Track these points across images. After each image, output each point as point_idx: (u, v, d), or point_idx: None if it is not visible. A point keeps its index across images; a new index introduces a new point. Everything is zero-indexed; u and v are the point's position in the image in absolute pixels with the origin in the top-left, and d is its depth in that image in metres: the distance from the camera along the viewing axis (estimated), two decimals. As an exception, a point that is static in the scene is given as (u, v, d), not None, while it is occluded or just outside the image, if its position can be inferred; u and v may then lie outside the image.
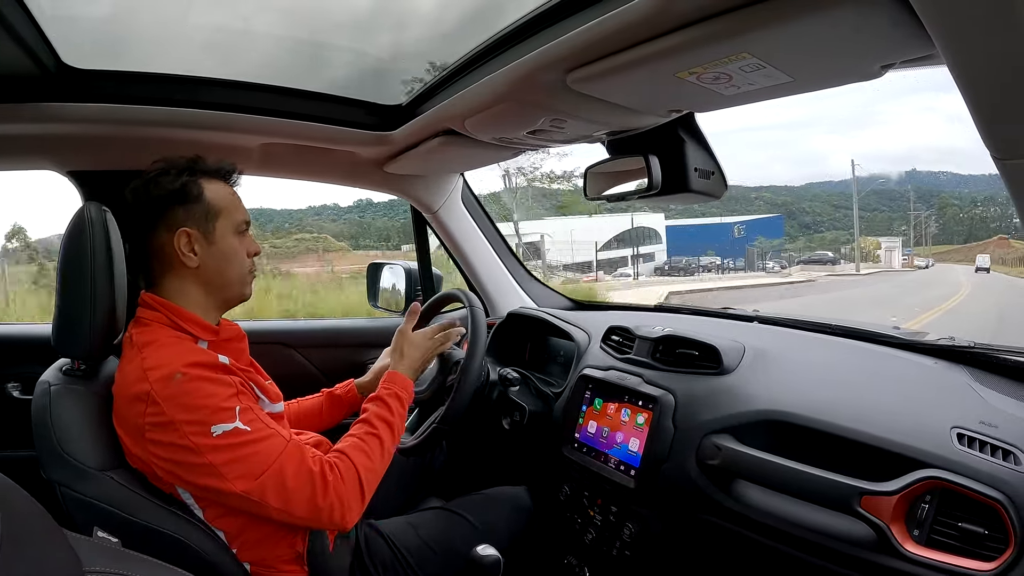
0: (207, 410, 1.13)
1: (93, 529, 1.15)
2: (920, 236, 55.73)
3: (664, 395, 1.50)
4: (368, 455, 1.28)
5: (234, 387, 1.18)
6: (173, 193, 1.27)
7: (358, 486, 1.23)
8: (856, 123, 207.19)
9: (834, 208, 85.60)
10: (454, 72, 1.45)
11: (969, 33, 0.67)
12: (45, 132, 1.59)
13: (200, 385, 1.14)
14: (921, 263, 42.93)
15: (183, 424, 1.12)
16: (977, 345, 1.43)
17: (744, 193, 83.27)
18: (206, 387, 1.15)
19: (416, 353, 1.55)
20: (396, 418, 1.39)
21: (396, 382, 1.45)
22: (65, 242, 1.25)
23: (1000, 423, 1.13)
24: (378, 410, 1.38)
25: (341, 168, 2.06)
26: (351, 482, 1.22)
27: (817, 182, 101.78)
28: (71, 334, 1.25)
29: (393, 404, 1.40)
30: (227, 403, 1.15)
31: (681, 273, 34.00)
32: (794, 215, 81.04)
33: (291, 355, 2.23)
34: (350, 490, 1.22)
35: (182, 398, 1.13)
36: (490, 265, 2.44)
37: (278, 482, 1.15)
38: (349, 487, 1.21)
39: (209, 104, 1.59)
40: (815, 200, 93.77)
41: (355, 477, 1.23)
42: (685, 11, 0.87)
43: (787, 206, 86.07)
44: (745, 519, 1.29)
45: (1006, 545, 0.98)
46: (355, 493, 1.22)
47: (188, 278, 1.29)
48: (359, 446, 1.29)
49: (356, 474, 1.24)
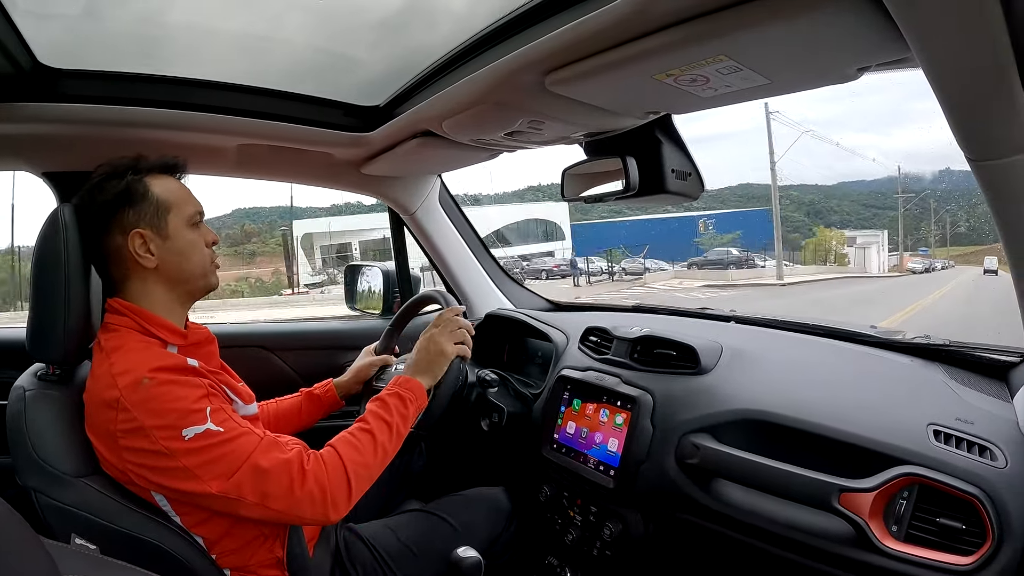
0: (177, 413, 1.11)
1: (71, 536, 1.13)
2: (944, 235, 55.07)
3: (642, 395, 1.51)
4: (358, 449, 1.24)
5: (203, 388, 1.16)
6: (119, 195, 1.25)
7: (344, 478, 1.19)
8: (889, 121, 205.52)
9: (864, 207, 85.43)
10: (432, 73, 1.45)
11: (942, 36, 0.68)
12: (19, 132, 1.56)
13: (168, 389, 1.13)
14: (917, 265, 36.81)
15: (154, 429, 1.10)
16: (952, 343, 1.45)
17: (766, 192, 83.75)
18: (174, 390, 1.13)
19: (418, 354, 1.51)
20: (395, 416, 1.33)
21: (400, 383, 1.42)
22: (39, 245, 1.24)
23: (976, 419, 1.15)
24: (375, 408, 1.35)
25: (318, 169, 2.04)
26: (335, 473, 1.18)
27: (849, 181, 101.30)
28: (45, 338, 1.24)
29: (392, 402, 1.36)
30: (197, 405, 1.13)
31: (555, 277, 29.40)
32: (821, 214, 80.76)
33: (268, 358, 2.21)
34: (334, 481, 1.17)
35: (151, 403, 1.11)
36: (468, 266, 2.44)
37: (253, 476, 1.12)
38: (333, 478, 1.17)
39: (185, 105, 1.58)
40: (844, 199, 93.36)
41: (340, 468, 1.19)
42: (663, 14, 0.88)
43: (813, 204, 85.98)
44: (725, 517, 1.30)
45: (983, 539, 1.00)
46: (340, 484, 1.18)
47: (149, 279, 1.28)
48: (348, 440, 1.26)
49: (342, 465, 1.20)
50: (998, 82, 0.70)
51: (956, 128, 0.79)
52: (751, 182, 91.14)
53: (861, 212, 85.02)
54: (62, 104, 1.48)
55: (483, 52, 1.24)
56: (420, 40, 1.42)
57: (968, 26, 0.65)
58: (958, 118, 0.77)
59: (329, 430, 1.41)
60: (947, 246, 53.90)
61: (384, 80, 1.62)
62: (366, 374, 1.83)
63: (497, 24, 1.18)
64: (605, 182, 1.53)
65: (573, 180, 1.61)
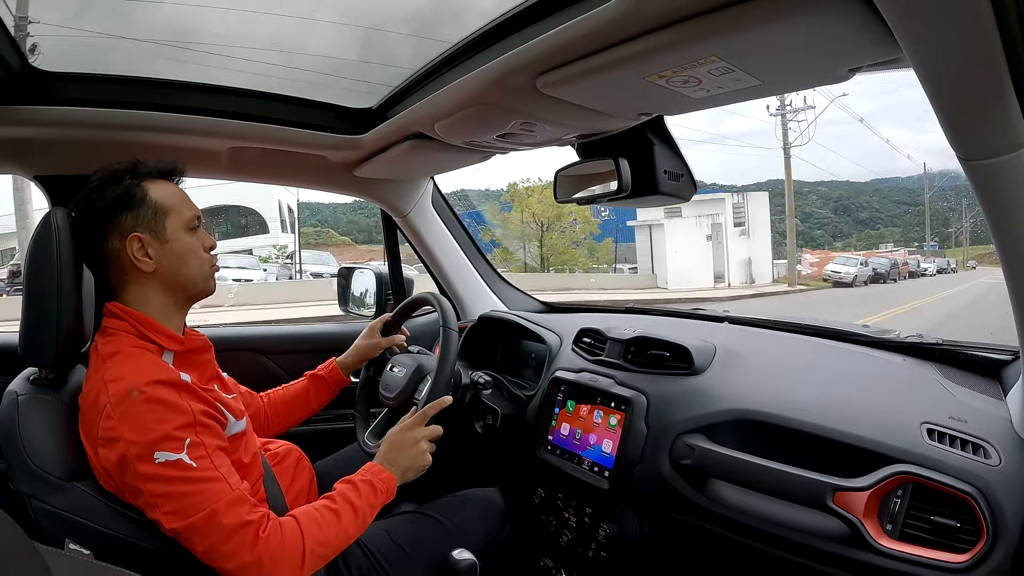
0: (155, 434, 1.09)
1: (64, 541, 1.13)
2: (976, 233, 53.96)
3: (636, 396, 1.51)
4: (320, 527, 1.20)
5: (190, 417, 1.14)
6: (117, 200, 1.25)
7: (299, 554, 1.15)
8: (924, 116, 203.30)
9: (895, 204, 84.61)
10: (424, 76, 1.45)
11: (933, 37, 0.68)
12: (11, 136, 1.56)
13: (153, 408, 1.11)
14: (847, 271, 26.79)
15: (129, 444, 1.09)
16: (945, 342, 1.45)
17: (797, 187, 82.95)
18: (159, 411, 1.12)
19: (400, 452, 1.43)
20: (363, 502, 1.29)
21: (374, 473, 1.37)
22: (31, 248, 1.23)
23: (969, 418, 1.15)
24: (345, 490, 1.30)
25: (310, 172, 2.04)
26: (291, 545, 1.14)
27: (883, 178, 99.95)
28: (38, 342, 1.23)
29: (364, 489, 1.31)
30: (177, 432, 1.11)
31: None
32: (849, 210, 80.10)
33: (262, 361, 2.20)
34: (287, 554, 1.13)
35: (134, 417, 1.10)
36: (461, 268, 2.44)
37: (208, 527, 1.09)
38: (287, 549, 1.14)
39: (177, 108, 1.57)
40: (875, 195, 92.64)
41: (298, 544, 1.15)
42: (655, 15, 0.88)
43: (842, 200, 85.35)
44: (720, 518, 1.30)
45: (978, 537, 1.00)
46: (292, 558, 1.14)
47: (147, 283, 1.28)
48: (312, 515, 1.22)
49: (300, 541, 1.16)
50: (988, 82, 0.71)
51: (947, 127, 0.79)
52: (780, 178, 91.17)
53: (892, 209, 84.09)
54: (53, 107, 1.48)
55: (475, 54, 1.24)
56: (412, 43, 1.43)
57: (958, 26, 0.65)
58: (949, 117, 0.78)
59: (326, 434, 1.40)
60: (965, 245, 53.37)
61: (376, 82, 1.62)
62: (370, 353, 1.84)
63: (489, 26, 1.18)
64: (598, 183, 1.53)
65: (566, 182, 1.61)
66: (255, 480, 1.36)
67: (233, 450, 1.27)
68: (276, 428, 1.73)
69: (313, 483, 1.64)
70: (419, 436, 1.46)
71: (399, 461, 1.41)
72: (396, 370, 1.70)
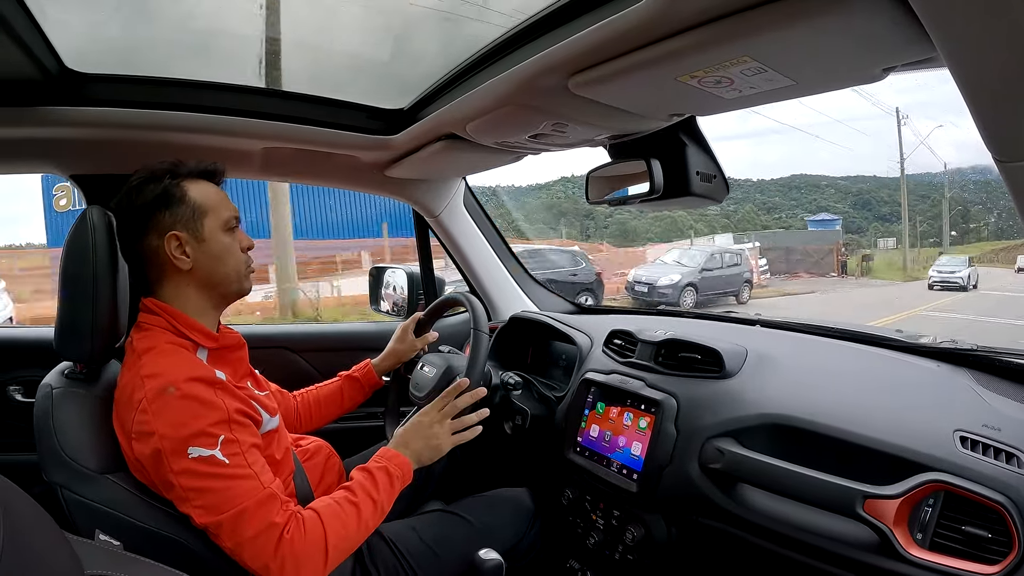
0: (189, 430, 1.11)
1: (95, 532, 1.15)
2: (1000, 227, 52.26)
3: (666, 399, 1.50)
4: (343, 523, 1.21)
5: (225, 413, 1.16)
6: (157, 198, 1.28)
7: (322, 550, 1.16)
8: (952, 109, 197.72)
9: (920, 199, 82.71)
10: (455, 76, 1.45)
11: (969, 36, 0.67)
12: (47, 136, 1.59)
13: (190, 404, 1.14)
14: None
15: (163, 439, 1.11)
16: (980, 348, 1.42)
17: (814, 181, 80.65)
18: (195, 408, 1.14)
19: (414, 436, 1.46)
20: (382, 494, 1.30)
21: (389, 458, 1.37)
22: (67, 246, 1.26)
23: (1003, 426, 1.12)
24: (363, 480, 1.31)
25: (343, 172, 2.06)
26: (314, 543, 1.16)
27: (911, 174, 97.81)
28: (73, 337, 1.26)
29: (380, 479, 1.32)
30: (212, 428, 1.13)
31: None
32: (869, 205, 78.20)
33: (294, 359, 2.23)
34: (311, 551, 1.15)
35: (169, 413, 1.12)
36: (492, 268, 2.44)
37: (236, 524, 1.11)
38: (311, 547, 1.15)
39: (211, 108, 1.60)
40: (898, 190, 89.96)
41: (321, 540, 1.17)
42: (687, 15, 0.87)
43: (862, 195, 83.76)
44: (748, 523, 1.29)
45: (1009, 548, 0.98)
46: (316, 556, 1.15)
47: (184, 281, 1.30)
48: (334, 510, 1.22)
49: (323, 539, 1.17)
50: None
51: (983, 128, 0.77)
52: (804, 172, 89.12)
53: (915, 204, 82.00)
54: (88, 108, 1.51)
55: (506, 55, 1.25)
56: (443, 43, 1.43)
57: (994, 25, 0.64)
58: (985, 118, 0.76)
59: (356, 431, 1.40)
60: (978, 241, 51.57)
61: (408, 83, 1.63)
62: (405, 356, 1.85)
63: (520, 27, 1.18)
64: (629, 184, 1.52)
65: (597, 183, 1.60)
66: (286, 476, 1.37)
67: (266, 446, 1.29)
68: (308, 426, 1.75)
69: (342, 479, 1.65)
70: (435, 419, 1.47)
71: (413, 444, 1.43)
72: (426, 369, 1.71)
